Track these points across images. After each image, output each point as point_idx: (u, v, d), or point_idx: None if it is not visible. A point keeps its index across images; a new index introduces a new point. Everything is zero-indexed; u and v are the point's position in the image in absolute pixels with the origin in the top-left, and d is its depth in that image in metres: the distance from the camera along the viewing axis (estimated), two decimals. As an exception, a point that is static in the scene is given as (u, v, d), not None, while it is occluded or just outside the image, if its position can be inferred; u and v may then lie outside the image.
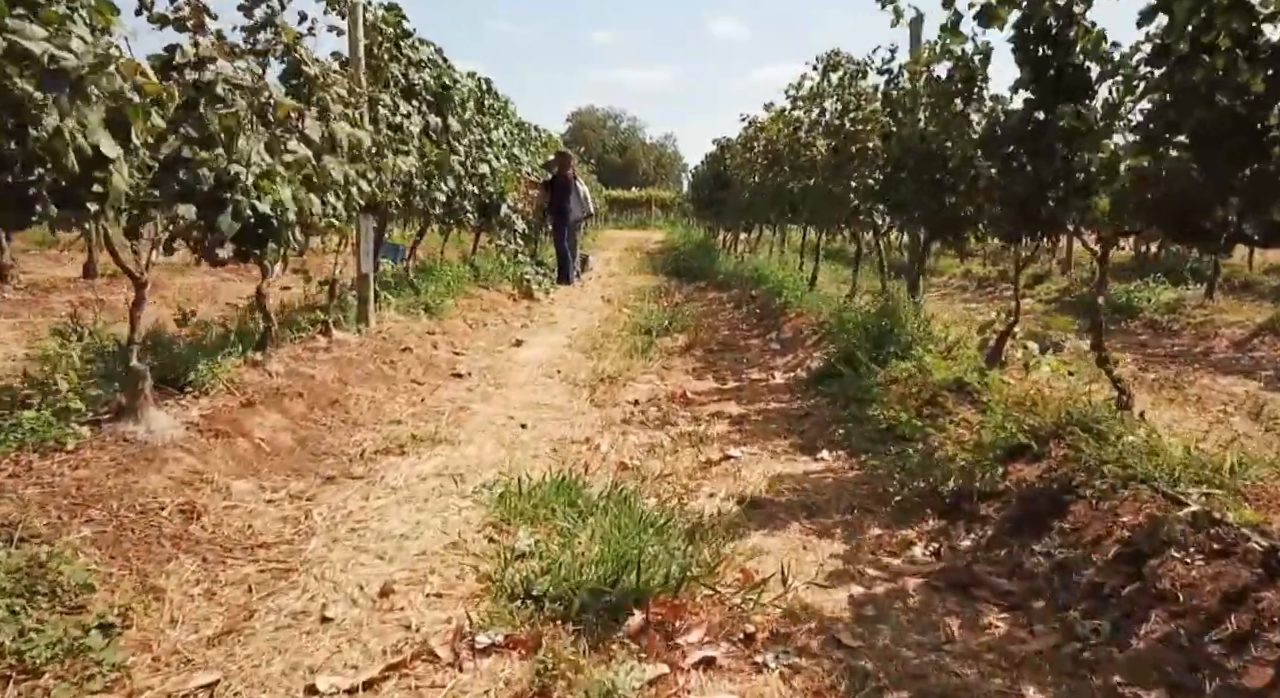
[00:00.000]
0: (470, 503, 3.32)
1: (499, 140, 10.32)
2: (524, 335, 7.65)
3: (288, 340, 5.29)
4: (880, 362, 5.25)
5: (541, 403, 5.19)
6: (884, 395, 4.81)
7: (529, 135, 15.43)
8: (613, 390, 5.60)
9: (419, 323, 6.79)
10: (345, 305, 6.34)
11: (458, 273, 8.86)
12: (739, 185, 14.14)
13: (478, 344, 6.91)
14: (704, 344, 7.62)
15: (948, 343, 5.44)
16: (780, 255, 12.46)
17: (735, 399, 5.51)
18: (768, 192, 10.85)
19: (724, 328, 8.93)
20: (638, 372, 6.28)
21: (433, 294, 7.65)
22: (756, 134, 13.02)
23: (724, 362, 6.89)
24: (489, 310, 8.54)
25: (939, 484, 3.42)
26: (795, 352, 6.88)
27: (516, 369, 6.19)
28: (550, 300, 10.39)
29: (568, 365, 6.42)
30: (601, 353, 6.93)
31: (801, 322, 7.81)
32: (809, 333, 7.22)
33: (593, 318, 9.28)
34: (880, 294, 7.03)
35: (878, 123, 6.74)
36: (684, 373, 6.43)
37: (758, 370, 6.50)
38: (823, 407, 5.15)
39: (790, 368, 6.44)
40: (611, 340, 7.56)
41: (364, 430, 4.31)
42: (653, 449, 4.30)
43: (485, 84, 10.00)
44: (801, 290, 9.03)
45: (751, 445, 4.38)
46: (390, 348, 5.81)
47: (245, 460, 3.45)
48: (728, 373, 6.41)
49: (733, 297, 11.33)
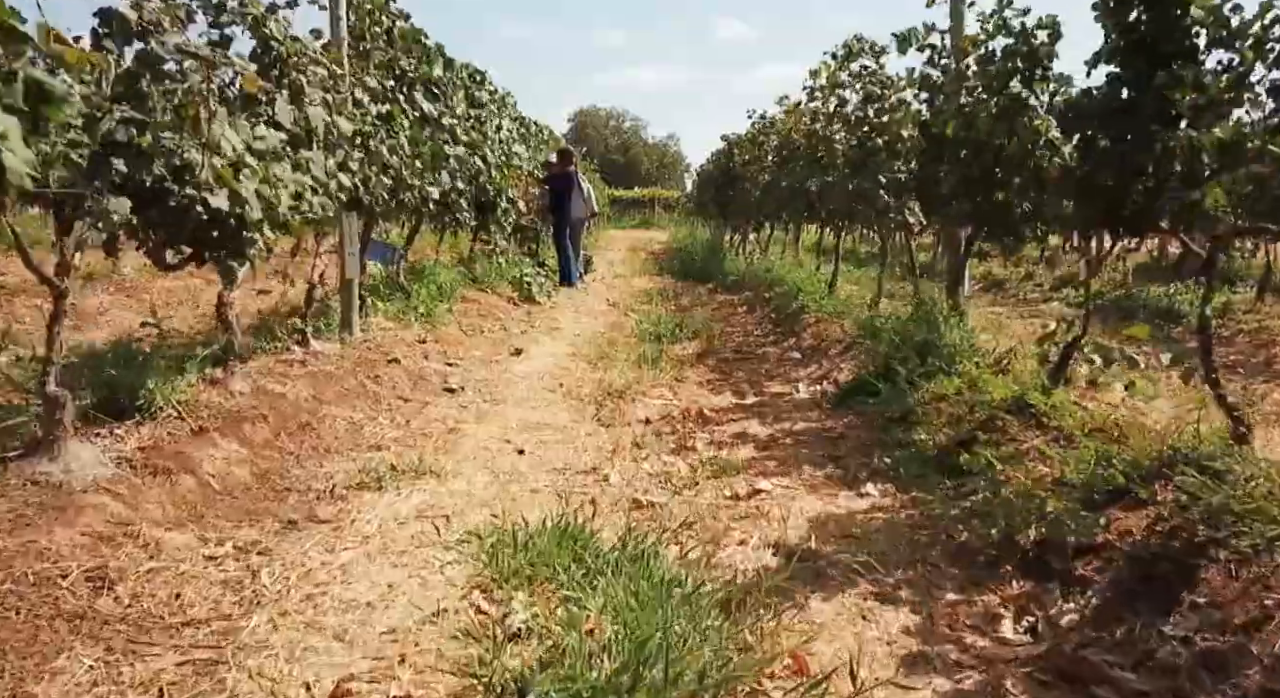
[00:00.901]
0: (455, 556, 2.76)
1: (496, 135, 9.76)
2: (524, 343, 7.09)
3: (260, 353, 4.74)
4: (922, 376, 4.69)
5: (542, 423, 4.63)
6: (929, 416, 4.25)
7: (529, 131, 14.88)
8: (621, 407, 5.04)
9: (410, 330, 6.23)
10: (329, 312, 5.79)
11: (453, 275, 8.30)
12: (748, 183, 13.58)
13: (473, 354, 6.35)
14: (717, 352, 7.06)
15: (995, 355, 4.87)
16: (794, 256, 11.89)
17: (758, 417, 4.95)
18: (781, 189, 10.27)
19: (737, 334, 8.36)
20: (648, 384, 5.72)
21: (425, 299, 7.09)
22: (767, 129, 12.47)
23: (741, 372, 6.32)
24: (487, 316, 7.98)
25: (1016, 532, 2.85)
26: (819, 361, 6.32)
27: (515, 382, 5.63)
28: (552, 304, 9.83)
29: (571, 378, 5.86)
30: (608, 363, 6.37)
31: (823, 328, 7.24)
32: (832, 341, 6.66)
33: (597, 323, 8.72)
34: (914, 299, 6.46)
35: (908, 111, 6.18)
36: (698, 385, 5.87)
37: (779, 383, 5.94)
38: (858, 427, 4.58)
39: (815, 380, 5.87)
40: (618, 348, 7.00)
41: (338, 459, 3.75)
42: (669, 480, 3.73)
43: (480, 75, 9.44)
44: (820, 294, 8.46)
45: (783, 476, 3.82)
46: (376, 359, 5.25)
47: (188, 504, 2.89)
48: (746, 386, 5.85)
49: (744, 300, 10.77)
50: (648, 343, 7.52)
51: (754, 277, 11.67)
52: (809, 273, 10.01)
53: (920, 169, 5.41)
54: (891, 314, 6.32)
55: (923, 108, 5.83)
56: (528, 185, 12.15)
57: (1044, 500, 2.91)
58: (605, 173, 51.32)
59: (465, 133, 7.87)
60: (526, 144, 12.85)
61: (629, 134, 74.02)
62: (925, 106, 5.58)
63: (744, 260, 14.89)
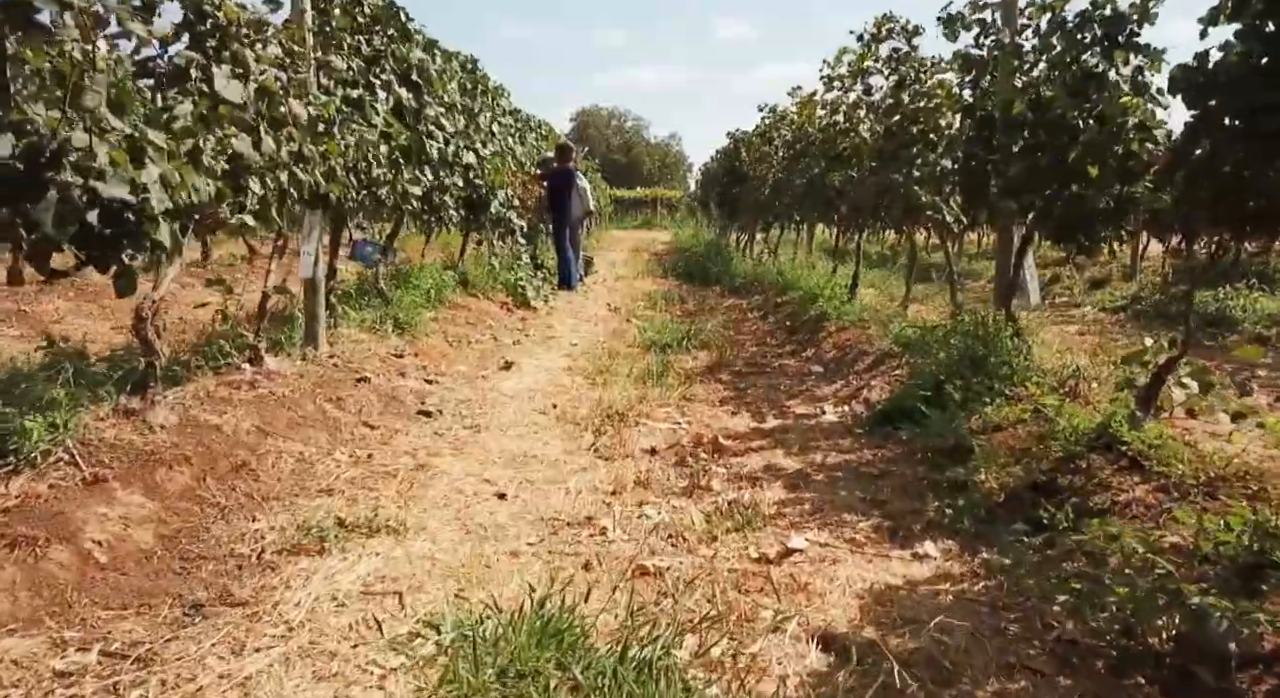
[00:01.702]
0: (402, 662, 2.08)
1: (488, 127, 9.09)
2: (515, 355, 6.41)
3: (203, 374, 4.07)
4: (974, 398, 4.00)
5: (529, 455, 3.95)
6: (989, 451, 3.56)
7: (529, 127, 14.21)
8: (622, 433, 4.36)
9: (386, 342, 5.55)
10: (295, 324, 5.12)
11: (440, 279, 7.62)
12: (756, 181, 12.90)
13: (457, 368, 5.66)
14: (729, 365, 6.37)
15: (1062, 376, 4.18)
16: (807, 257, 11.21)
17: (781, 445, 4.26)
18: (795, 186, 9.59)
19: (749, 342, 7.68)
20: (653, 404, 5.04)
21: (407, 305, 6.41)
22: (778, 123, 11.79)
23: (757, 389, 5.64)
24: (476, 323, 7.30)
25: (1142, 625, 2.17)
26: (845, 377, 5.63)
27: (502, 403, 4.94)
28: (549, 310, 9.15)
29: (566, 397, 5.18)
30: (608, 378, 5.69)
31: (846, 338, 6.55)
32: (858, 353, 5.97)
33: (597, 331, 8.04)
34: (951, 307, 5.79)
35: (949, 95, 5.49)
36: (710, 405, 5.18)
37: (802, 402, 5.25)
38: (901, 461, 3.90)
39: (843, 399, 5.19)
40: (619, 360, 6.32)
41: (276, 510, 3.07)
42: (680, 535, 3.05)
43: (471, 63, 8.77)
44: (840, 299, 7.77)
45: (819, 527, 3.14)
46: (342, 378, 4.57)
47: (51, 589, 2.21)
48: (764, 405, 5.16)
49: (755, 304, 10.09)
50: (652, 354, 6.84)
51: (764, 280, 10.99)
52: (825, 276, 9.32)
53: (965, 160, 4.72)
54: (927, 323, 5.63)
55: (966, 91, 5.16)
56: (525, 183, 11.49)
57: (1172, 578, 2.22)
58: (607, 173, 50.70)
59: (454, 125, 7.20)
60: (523, 140, 12.18)
61: (631, 134, 73.40)
62: (970, 89, 4.89)
63: (752, 262, 14.21)
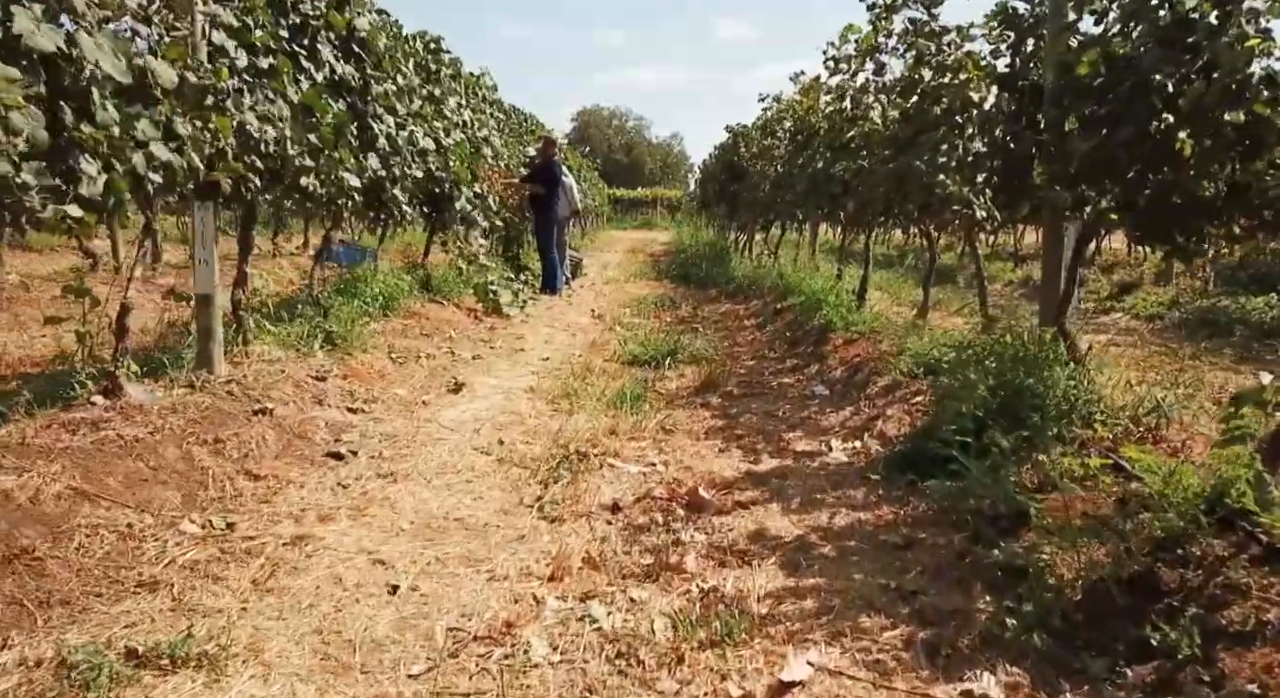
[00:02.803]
0: None
1: (457, 114, 8.21)
2: (471, 373, 5.53)
3: (36, 411, 3.19)
4: (1027, 445, 3.11)
5: (451, 518, 3.06)
6: (1052, 519, 2.67)
7: (510, 119, 13.34)
8: (579, 482, 3.47)
9: (310, 361, 4.66)
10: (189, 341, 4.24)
11: (393, 285, 6.74)
12: (756, 177, 12.02)
13: (394, 392, 4.78)
14: (721, 385, 5.47)
15: (1134, 412, 3.28)
16: (810, 259, 10.32)
17: (778, 497, 3.37)
18: (798, 180, 8.70)
19: (745, 355, 6.79)
20: (625, 437, 4.17)
21: (346, 316, 5.54)
22: (780, 115, 10.90)
23: (751, 416, 4.75)
24: (433, 334, 6.42)
25: None
26: (855, 403, 4.74)
27: (438, 439, 4.05)
28: (524, 317, 8.26)
29: (520, 428, 4.29)
30: (575, 402, 4.81)
31: (855, 354, 5.66)
32: (869, 372, 5.08)
33: (574, 342, 7.15)
34: (985, 318, 4.90)
35: (978, 68, 4.60)
36: (694, 437, 4.30)
37: (803, 435, 4.36)
38: (932, 525, 3.00)
39: (853, 432, 4.30)
40: (594, 379, 5.44)
41: (49, 626, 2.18)
42: (633, 656, 2.17)
43: (435, 43, 7.90)
44: (846, 306, 6.88)
45: (829, 640, 2.25)
46: (234, 411, 3.69)
47: None
48: (759, 438, 4.28)
49: (752, 310, 9.20)
50: (634, 370, 5.96)
51: (763, 282, 10.10)
52: (829, 280, 8.42)
53: (1001, 142, 3.83)
54: (953, 340, 4.74)
55: (1002, 62, 4.27)
56: (506, 179, 10.63)
57: None
58: (608, 173, 49.88)
59: (407, 107, 6.32)
60: (503, 133, 11.31)
61: (632, 134, 72.64)
62: (1010, 54, 4.00)
63: (751, 263, 13.32)
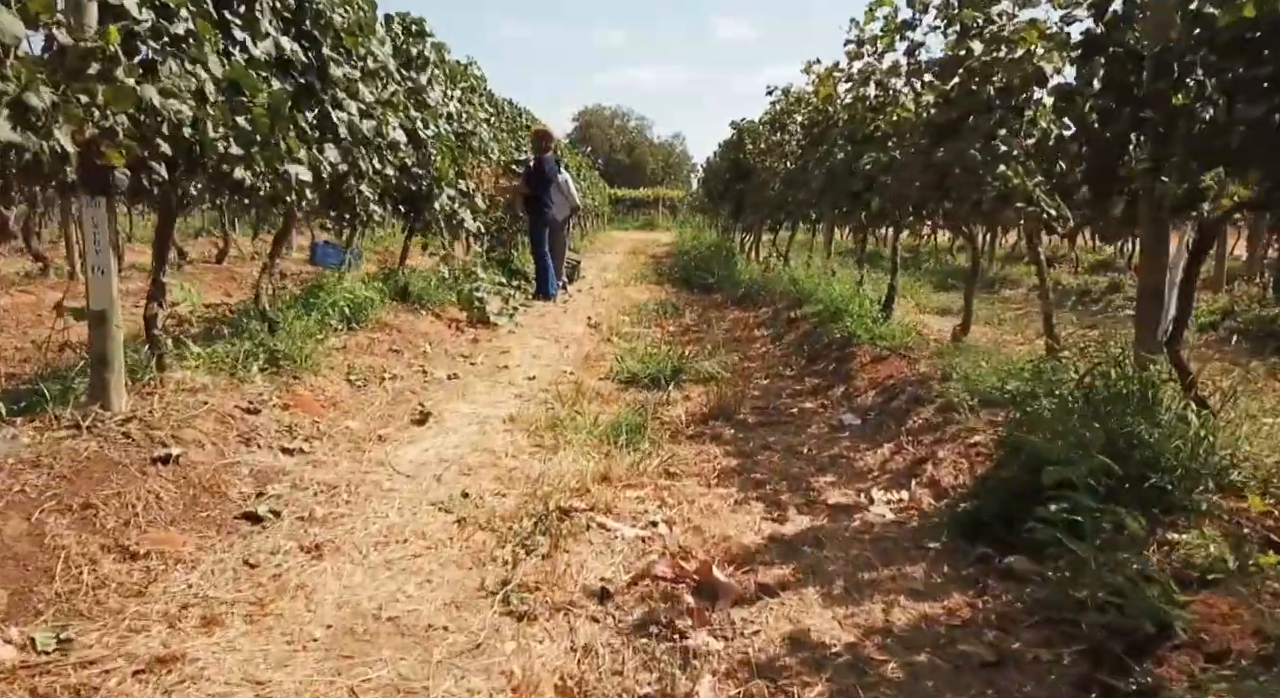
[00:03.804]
0: None
1: (443, 104, 7.45)
2: (441, 399, 4.77)
3: None
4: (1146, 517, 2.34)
5: (384, 616, 2.29)
6: (1206, 640, 1.91)
7: (512, 118, 12.59)
8: (559, 553, 2.72)
9: (244, 389, 3.90)
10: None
11: (366, 293, 5.98)
12: (764, 175, 11.26)
13: (345, 425, 4.01)
14: (733, 411, 4.71)
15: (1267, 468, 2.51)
16: (825, 263, 9.54)
17: (815, 578, 2.61)
18: (815, 176, 7.94)
19: (758, 372, 6.03)
20: (619, 484, 3.41)
21: (300, 331, 4.78)
22: (791, 107, 10.14)
23: (771, 452, 3.99)
24: (405, 349, 5.66)
25: None
26: (893, 436, 3.98)
27: (386, 492, 3.29)
28: (513, 327, 7.49)
29: (492, 473, 3.53)
30: (562, 435, 4.05)
31: (887, 374, 4.90)
32: (909, 399, 4.32)
33: (566, 356, 6.39)
34: (1050, 340, 4.14)
35: (1042, 37, 3.84)
36: (704, 483, 3.54)
37: (836, 481, 3.59)
38: (1027, 631, 2.23)
39: (897, 477, 3.53)
40: (584, 405, 4.68)
41: None
42: None
43: (417, 26, 7.14)
44: (872, 317, 6.12)
45: None
46: (125, 460, 2.92)
47: None
48: (783, 485, 3.51)
49: (762, 318, 8.44)
50: (632, 393, 5.21)
51: (773, 288, 9.34)
52: (849, 286, 7.66)
53: (1089, 122, 3.06)
54: (1015, 364, 3.97)
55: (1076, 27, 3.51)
56: (496, 177, 9.88)
57: None
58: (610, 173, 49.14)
59: (377, 93, 5.56)
60: (494, 127, 10.55)
61: (634, 134, 72.03)
62: (1092, 17, 3.23)
63: (759, 266, 12.56)
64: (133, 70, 2.98)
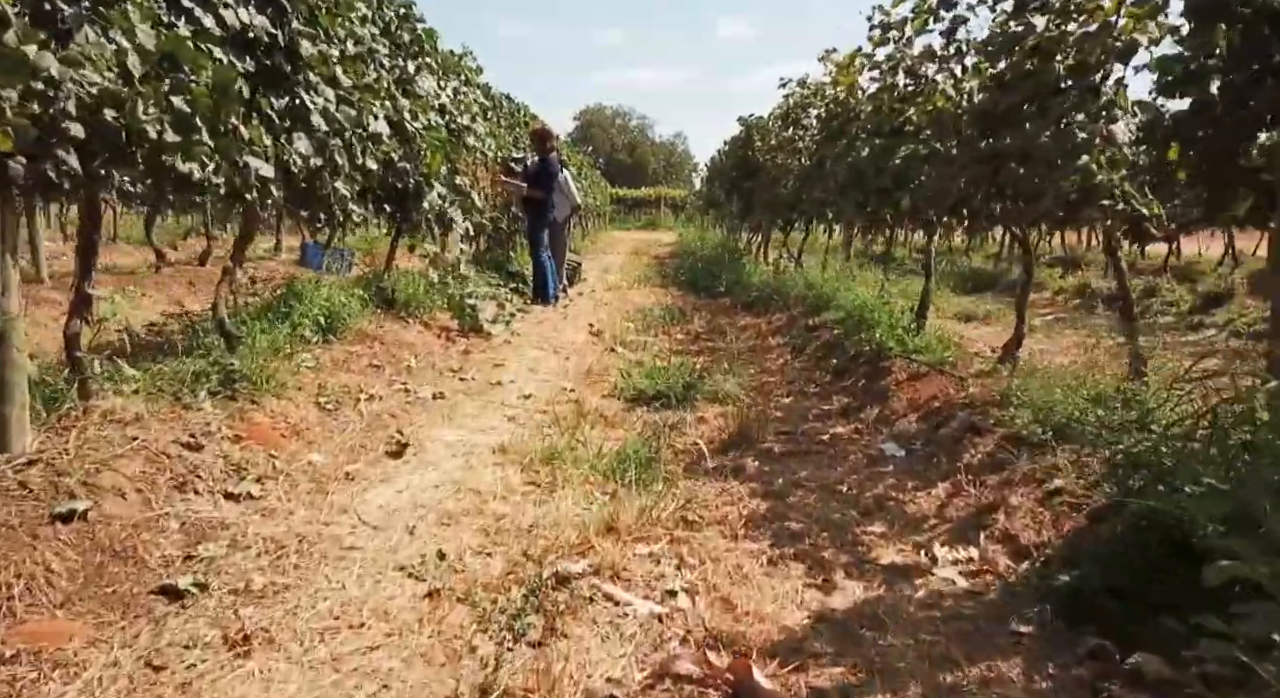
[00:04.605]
0: None
1: (435, 95, 6.88)
2: (423, 425, 4.19)
3: None
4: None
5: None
6: None
7: (510, 114, 12.01)
8: (554, 644, 2.14)
9: (190, 417, 3.33)
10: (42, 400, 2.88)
11: (346, 299, 5.40)
12: (775, 172, 10.68)
13: (307, 459, 3.44)
14: (755, 437, 4.12)
15: None
16: (843, 266, 8.96)
17: (881, 681, 2.03)
18: (833, 173, 7.37)
19: (778, 388, 5.45)
20: (628, 537, 2.83)
21: (265, 346, 4.21)
22: (806, 100, 9.56)
23: (806, 492, 3.41)
24: (386, 364, 5.08)
25: None
26: (947, 472, 3.40)
27: (345, 549, 2.71)
28: (509, 335, 6.92)
29: (475, 526, 2.95)
30: (559, 469, 3.48)
31: (929, 393, 4.33)
32: (960, 427, 3.74)
33: (566, 369, 5.82)
34: (1133, 357, 3.56)
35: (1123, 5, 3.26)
36: (730, 535, 2.96)
37: (887, 533, 3.01)
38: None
39: (960, 528, 2.96)
40: (587, 430, 4.12)
41: None
42: None
43: (406, 9, 6.57)
44: (903, 327, 5.55)
45: None
46: (14, 519, 2.35)
47: None
48: (824, 539, 2.94)
49: (776, 325, 7.86)
50: (639, 413, 4.64)
51: (787, 292, 8.77)
52: (872, 292, 7.08)
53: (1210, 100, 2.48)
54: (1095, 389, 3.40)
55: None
56: (493, 175, 9.32)
57: None
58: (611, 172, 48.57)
59: (356, 77, 4.99)
60: (489, 121, 9.97)
61: (635, 133, 71.48)
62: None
63: (768, 268, 11.99)
64: (30, 36, 2.41)
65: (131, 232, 13.41)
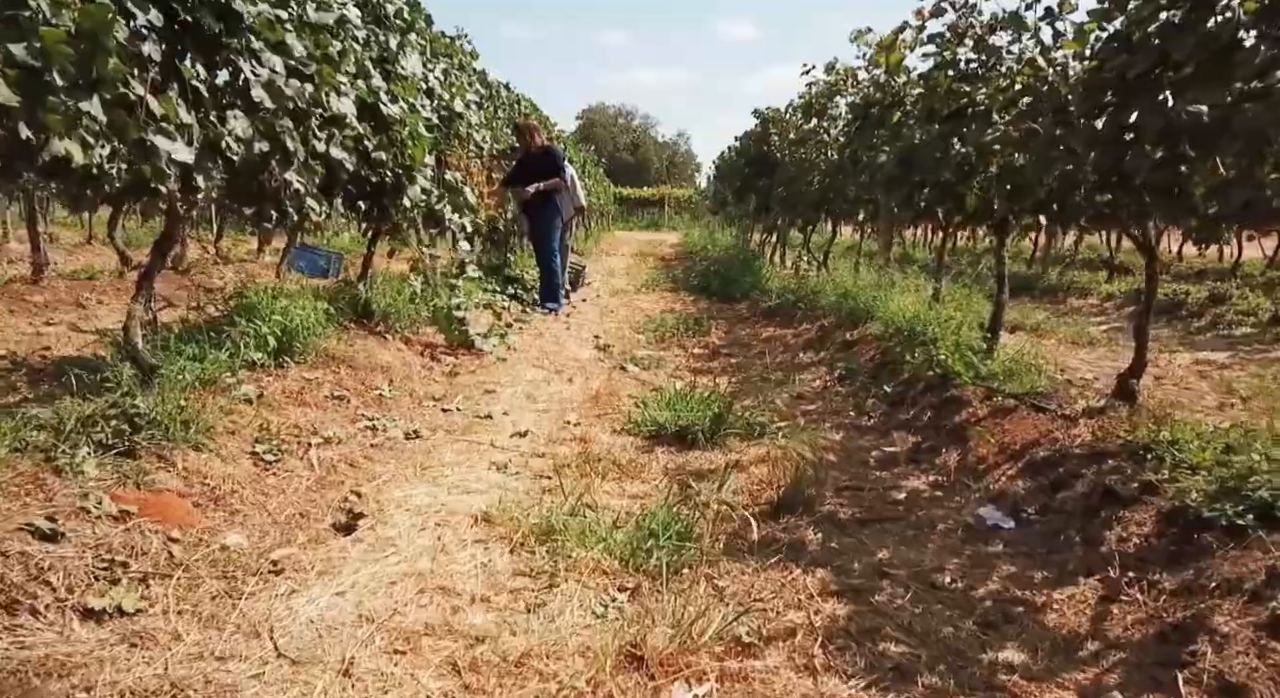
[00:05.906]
0: None
1: (419, 75, 5.98)
2: (386, 478, 3.29)
3: None
4: None
5: None
6: None
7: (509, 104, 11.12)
8: None
9: (55, 487, 2.43)
10: None
11: (309, 313, 4.50)
12: (796, 168, 9.79)
13: (224, 541, 2.54)
14: (812, 496, 3.22)
15: None
16: (883, 270, 8.02)
17: None
18: (873, 166, 6.46)
19: (823, 418, 4.55)
20: (659, 671, 1.94)
21: (195, 378, 3.32)
22: (835, 88, 8.65)
23: (896, 588, 2.51)
24: (353, 393, 4.18)
25: None
26: (1092, 565, 2.51)
27: (249, 705, 1.83)
28: (505, 351, 6.01)
29: (437, 656, 2.05)
30: (561, 551, 2.59)
31: (1024, 437, 3.44)
32: (1091, 489, 2.84)
33: (570, 395, 4.92)
34: None
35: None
36: (805, 671, 2.07)
37: (1029, 662, 2.11)
38: None
39: (1138, 659, 2.06)
40: (598, 478, 3.23)
41: None
42: None
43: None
44: (970, 347, 4.65)
45: None
46: None
47: None
48: (943, 677, 2.04)
49: (805, 338, 6.97)
50: (658, 455, 3.76)
51: (814, 300, 7.87)
52: (922, 303, 6.17)
53: None
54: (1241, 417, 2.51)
55: None
56: (490, 170, 8.43)
57: None
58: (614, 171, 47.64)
59: (309, 46, 4.09)
60: (485, 111, 9.08)
61: (638, 132, 70.66)
62: None
63: (788, 271, 11.09)
64: None
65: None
